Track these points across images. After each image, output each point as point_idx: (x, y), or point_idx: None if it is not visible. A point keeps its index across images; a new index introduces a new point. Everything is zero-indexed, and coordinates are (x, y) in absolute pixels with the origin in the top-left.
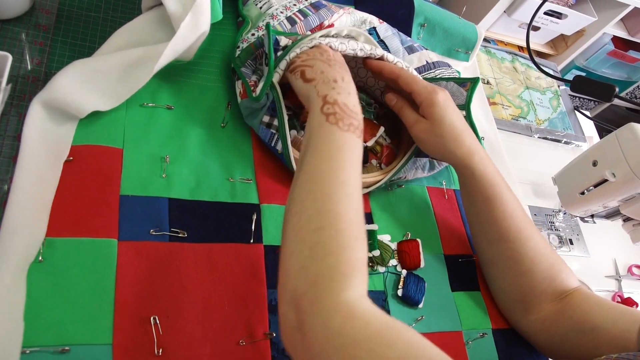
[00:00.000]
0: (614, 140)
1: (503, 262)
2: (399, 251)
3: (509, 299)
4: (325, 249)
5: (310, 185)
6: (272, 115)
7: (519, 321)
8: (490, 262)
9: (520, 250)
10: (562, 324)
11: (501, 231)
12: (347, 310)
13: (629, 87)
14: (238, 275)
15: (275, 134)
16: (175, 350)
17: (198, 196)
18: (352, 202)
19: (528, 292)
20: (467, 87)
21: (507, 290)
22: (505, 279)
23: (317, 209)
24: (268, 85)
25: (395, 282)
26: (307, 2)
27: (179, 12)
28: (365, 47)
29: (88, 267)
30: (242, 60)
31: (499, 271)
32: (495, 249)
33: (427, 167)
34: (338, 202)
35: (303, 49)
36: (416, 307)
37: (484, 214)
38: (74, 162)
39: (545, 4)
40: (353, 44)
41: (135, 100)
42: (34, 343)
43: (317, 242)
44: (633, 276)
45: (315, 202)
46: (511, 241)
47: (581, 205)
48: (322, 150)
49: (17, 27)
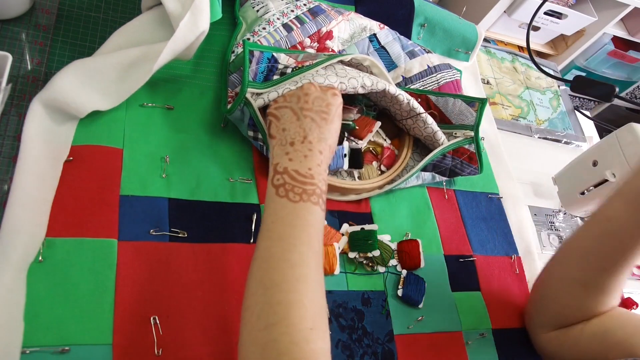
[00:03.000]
0: (614, 140)
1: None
2: (399, 251)
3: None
4: (277, 349)
5: (260, 274)
6: (255, 130)
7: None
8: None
9: (618, 283)
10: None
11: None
12: None
13: (629, 87)
14: (238, 275)
15: (263, 145)
16: (175, 350)
17: (198, 196)
18: (306, 285)
19: (585, 316)
20: (476, 108)
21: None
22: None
23: (267, 302)
24: (237, 104)
25: (395, 282)
26: (305, 8)
27: (178, 11)
28: (366, 83)
29: (88, 267)
30: (236, 66)
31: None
32: (597, 274)
33: (428, 180)
34: (288, 290)
35: (286, 90)
36: (416, 307)
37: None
38: (74, 162)
39: (545, 4)
40: (353, 82)
41: (135, 100)
42: (34, 343)
43: (268, 341)
44: (633, 276)
45: (265, 294)
46: (617, 273)
47: (581, 205)
48: (272, 229)
49: (17, 27)
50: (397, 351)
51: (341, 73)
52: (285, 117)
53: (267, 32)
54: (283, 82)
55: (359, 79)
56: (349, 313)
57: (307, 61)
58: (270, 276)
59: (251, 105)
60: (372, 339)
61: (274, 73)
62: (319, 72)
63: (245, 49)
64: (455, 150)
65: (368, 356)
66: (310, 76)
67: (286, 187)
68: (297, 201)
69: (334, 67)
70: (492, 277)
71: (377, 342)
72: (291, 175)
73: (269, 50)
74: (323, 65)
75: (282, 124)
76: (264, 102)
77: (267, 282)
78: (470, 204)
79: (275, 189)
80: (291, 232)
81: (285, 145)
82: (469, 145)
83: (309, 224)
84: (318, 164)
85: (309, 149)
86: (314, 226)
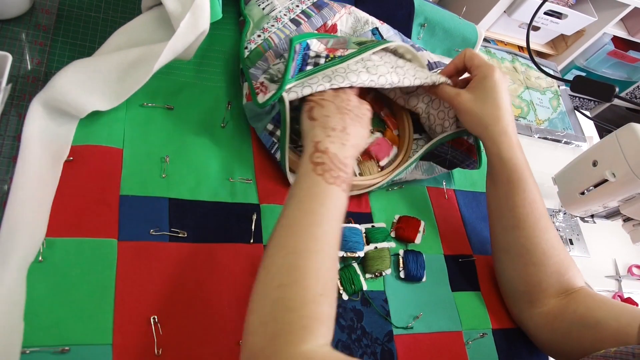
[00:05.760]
0: (614, 140)
1: (515, 250)
2: (397, 227)
3: (515, 290)
4: (287, 305)
5: (283, 240)
6: (276, 125)
7: (522, 314)
8: (502, 250)
9: (534, 240)
10: (566, 318)
11: (519, 217)
12: (306, 359)
13: (629, 87)
14: (238, 275)
15: (276, 142)
16: (175, 350)
17: (198, 196)
18: (324, 258)
19: (535, 284)
20: None
21: (515, 280)
22: (514, 268)
23: (284, 265)
24: (276, 98)
25: (395, 263)
26: (309, 2)
27: (178, 11)
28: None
29: (88, 267)
30: (252, 61)
31: (510, 259)
32: (510, 235)
33: (426, 171)
34: (307, 258)
35: (319, 86)
36: (420, 282)
37: (504, 197)
38: (74, 162)
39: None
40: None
41: (135, 100)
42: (34, 343)
43: (279, 297)
44: (633, 276)
45: (285, 257)
46: (527, 229)
47: (581, 205)
48: (303, 202)
49: (17, 27)
50: (397, 351)
51: (371, 69)
52: (329, 108)
53: (277, 28)
54: (315, 75)
55: (388, 76)
56: (348, 313)
57: (338, 49)
58: (293, 243)
59: (284, 102)
60: (371, 339)
61: (306, 62)
62: (351, 68)
63: (292, 44)
64: (454, 140)
65: (367, 356)
66: (342, 71)
67: (324, 167)
68: (332, 183)
69: (364, 60)
70: (492, 277)
71: (376, 342)
72: (331, 157)
73: (310, 37)
74: (354, 59)
75: (325, 112)
76: (297, 96)
77: (289, 248)
78: (470, 204)
79: (314, 165)
80: (319, 209)
81: (327, 128)
82: (468, 137)
83: (336, 206)
84: (351, 156)
85: (346, 139)
86: (340, 210)
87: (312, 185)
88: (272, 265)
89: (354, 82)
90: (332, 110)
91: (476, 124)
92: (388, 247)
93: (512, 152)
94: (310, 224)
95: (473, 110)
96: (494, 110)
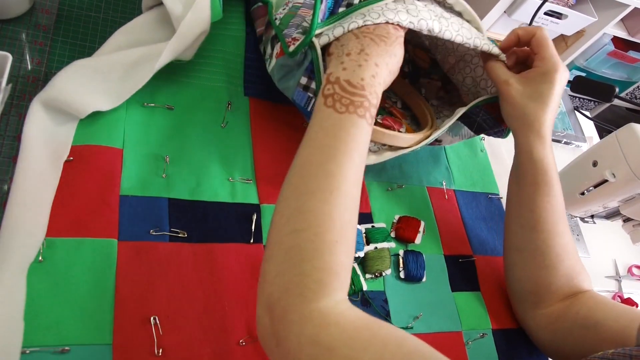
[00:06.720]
0: (614, 141)
1: (529, 251)
2: (397, 227)
3: (522, 290)
4: (300, 254)
5: (296, 180)
6: (310, 78)
7: (526, 313)
8: (515, 248)
9: (550, 242)
10: (568, 319)
11: (538, 219)
12: (320, 318)
13: (629, 87)
14: (238, 275)
15: (312, 97)
16: (175, 350)
17: (198, 196)
18: (340, 198)
19: (545, 286)
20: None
21: (524, 280)
22: (525, 269)
23: (297, 208)
24: (306, 43)
25: (395, 263)
26: None
27: (178, 11)
28: (434, 28)
29: (88, 267)
30: (284, 24)
31: (522, 259)
32: (526, 235)
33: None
34: (320, 199)
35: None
36: (420, 282)
37: (527, 197)
38: (74, 162)
39: (545, 4)
40: (422, 24)
41: (136, 100)
42: (34, 343)
43: (293, 245)
44: (633, 277)
45: (298, 199)
46: (544, 232)
47: (581, 206)
48: (314, 138)
49: (17, 27)
50: None
51: (412, 11)
52: (345, 37)
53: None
54: (350, 15)
55: (430, 22)
56: None
57: None
58: (306, 183)
59: (315, 49)
60: None
61: (339, 4)
62: (389, 6)
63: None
64: (489, 104)
65: None
66: (379, 9)
67: (334, 97)
68: (343, 112)
69: (406, 3)
70: (492, 277)
71: None
72: (342, 85)
73: None
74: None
75: (341, 42)
76: (329, 39)
77: (302, 189)
78: (470, 204)
79: (324, 98)
80: (332, 143)
81: (342, 56)
82: None
83: (351, 136)
84: (372, 75)
85: (365, 59)
86: (356, 139)
87: (324, 119)
88: (285, 208)
89: (391, 19)
90: (349, 38)
91: (515, 118)
92: (388, 248)
93: (544, 153)
94: (324, 160)
95: (519, 104)
96: (539, 111)
